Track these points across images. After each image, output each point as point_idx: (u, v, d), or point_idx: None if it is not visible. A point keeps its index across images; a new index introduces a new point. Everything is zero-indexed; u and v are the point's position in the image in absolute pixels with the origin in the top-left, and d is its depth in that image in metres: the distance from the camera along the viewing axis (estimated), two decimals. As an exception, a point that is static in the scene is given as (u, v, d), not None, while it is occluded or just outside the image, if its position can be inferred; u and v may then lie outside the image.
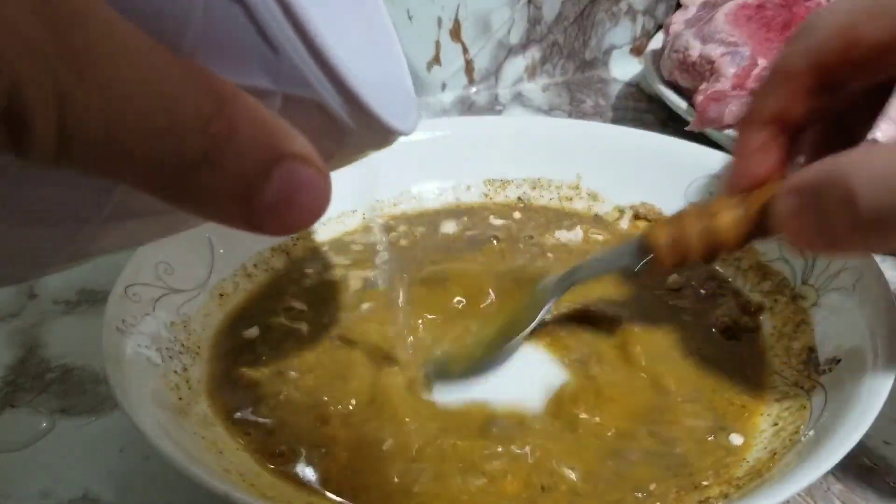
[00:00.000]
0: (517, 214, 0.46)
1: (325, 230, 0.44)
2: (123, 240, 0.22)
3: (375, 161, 0.41)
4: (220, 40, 0.17)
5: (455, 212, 0.47)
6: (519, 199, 0.47)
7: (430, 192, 0.47)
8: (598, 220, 0.46)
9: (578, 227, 0.45)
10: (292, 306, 0.39)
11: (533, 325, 0.36)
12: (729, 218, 0.31)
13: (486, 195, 0.48)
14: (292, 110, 0.18)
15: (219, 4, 0.16)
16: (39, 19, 0.13)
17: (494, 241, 0.44)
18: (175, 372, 0.34)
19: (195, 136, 0.16)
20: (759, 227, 0.30)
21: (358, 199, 0.45)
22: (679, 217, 0.32)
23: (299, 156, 0.17)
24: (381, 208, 0.46)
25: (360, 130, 0.20)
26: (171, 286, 0.37)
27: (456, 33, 0.66)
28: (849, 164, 0.26)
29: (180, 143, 0.16)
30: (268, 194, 0.17)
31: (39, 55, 0.13)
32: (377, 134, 0.20)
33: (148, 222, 0.21)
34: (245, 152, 0.16)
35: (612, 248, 0.34)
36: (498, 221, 0.46)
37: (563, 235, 0.45)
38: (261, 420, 0.33)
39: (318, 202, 0.18)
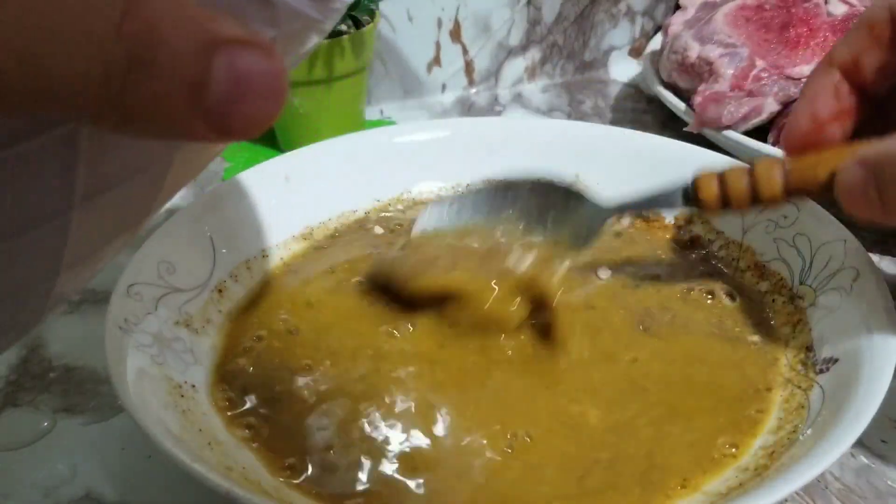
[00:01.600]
0: None
1: (322, 229, 0.45)
2: (115, 224, 0.20)
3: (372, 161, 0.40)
4: None
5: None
6: None
7: (430, 193, 0.47)
8: None
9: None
10: (295, 303, 0.39)
11: (587, 247, 0.37)
12: (774, 184, 0.33)
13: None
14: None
15: None
16: None
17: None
18: (177, 371, 0.34)
19: (111, 40, 0.14)
20: (807, 190, 0.33)
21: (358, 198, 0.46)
22: (725, 177, 0.34)
23: (236, 39, 0.16)
24: (382, 208, 0.46)
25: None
26: (174, 285, 0.37)
27: (456, 34, 0.66)
28: None
29: (99, 51, 0.14)
30: (215, 88, 0.15)
31: None
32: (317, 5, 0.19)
33: (129, 193, 0.19)
34: (174, 46, 0.15)
35: (664, 188, 0.36)
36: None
37: None
38: (262, 418, 0.33)
39: (275, 85, 0.16)
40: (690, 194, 0.35)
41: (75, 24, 0.14)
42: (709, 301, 0.39)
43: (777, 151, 0.50)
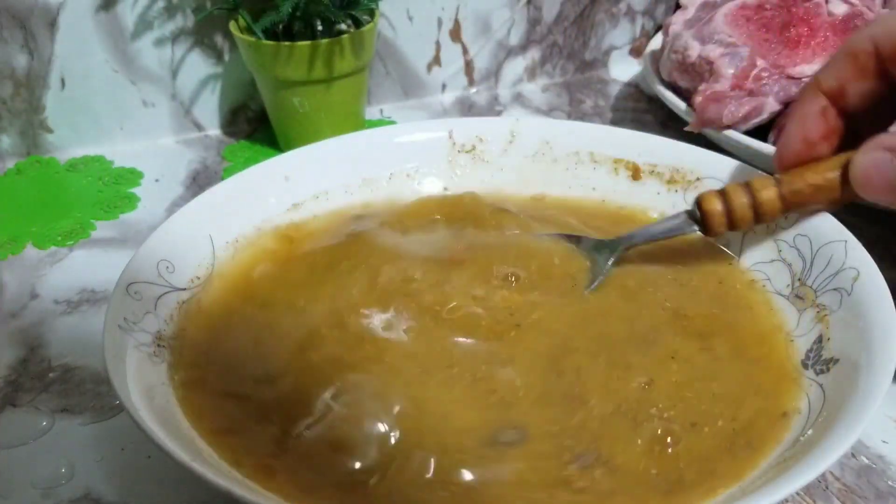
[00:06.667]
0: None
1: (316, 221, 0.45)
2: None
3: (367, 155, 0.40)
4: None
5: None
6: None
7: (430, 192, 0.47)
8: None
9: None
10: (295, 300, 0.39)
11: (594, 285, 0.39)
12: (771, 194, 0.36)
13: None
14: None
15: None
16: None
17: None
18: (176, 371, 0.34)
19: None
20: (804, 195, 0.36)
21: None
22: (726, 191, 0.37)
23: None
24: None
25: None
26: (173, 284, 0.37)
27: (456, 34, 0.66)
28: None
29: None
30: None
31: None
32: None
33: None
34: None
35: (667, 217, 0.40)
36: None
37: None
38: (258, 416, 0.33)
39: None
40: (696, 215, 0.38)
41: None
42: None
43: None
